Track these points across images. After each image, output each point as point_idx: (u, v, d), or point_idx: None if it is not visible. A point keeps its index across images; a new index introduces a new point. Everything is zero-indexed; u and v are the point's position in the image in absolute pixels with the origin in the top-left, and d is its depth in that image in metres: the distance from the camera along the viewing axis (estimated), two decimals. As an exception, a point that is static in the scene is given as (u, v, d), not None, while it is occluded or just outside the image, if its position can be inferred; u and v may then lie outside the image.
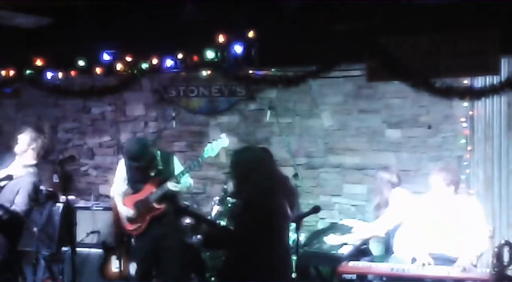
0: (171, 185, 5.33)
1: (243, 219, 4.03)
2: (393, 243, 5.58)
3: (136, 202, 5.48)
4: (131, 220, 5.50)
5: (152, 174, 5.46)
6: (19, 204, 5.05)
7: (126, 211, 5.51)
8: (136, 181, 5.51)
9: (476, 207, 5.23)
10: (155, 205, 5.41)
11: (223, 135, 5.53)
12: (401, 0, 5.03)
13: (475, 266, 4.97)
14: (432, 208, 5.22)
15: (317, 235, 5.78)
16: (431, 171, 5.33)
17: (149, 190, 5.43)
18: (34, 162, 5.26)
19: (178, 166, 5.58)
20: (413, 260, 5.12)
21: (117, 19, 5.83)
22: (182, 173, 5.41)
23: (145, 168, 5.40)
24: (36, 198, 5.44)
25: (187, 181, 5.54)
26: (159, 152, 5.57)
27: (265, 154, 4.39)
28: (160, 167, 5.47)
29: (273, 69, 5.90)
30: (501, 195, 5.94)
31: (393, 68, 4.99)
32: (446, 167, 5.42)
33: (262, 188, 4.01)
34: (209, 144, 5.50)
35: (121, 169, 5.63)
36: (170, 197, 5.43)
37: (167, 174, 5.46)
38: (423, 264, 4.91)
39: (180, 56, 5.69)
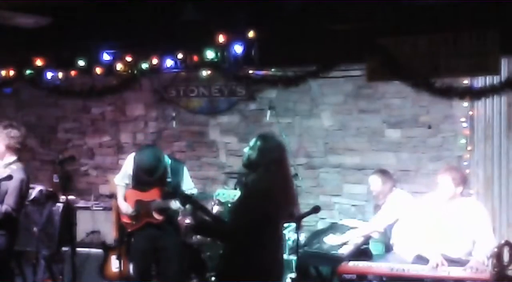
0: (174, 205, 5.32)
1: (240, 209, 4.05)
2: (392, 241, 5.58)
3: (138, 200, 5.45)
4: (129, 215, 5.51)
5: (160, 181, 5.41)
6: (11, 203, 5.02)
7: (126, 207, 5.50)
8: (141, 182, 5.46)
9: (479, 207, 5.21)
10: (155, 215, 5.40)
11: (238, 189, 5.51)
12: (402, 0, 5.03)
13: (486, 266, 4.92)
14: (434, 208, 5.20)
15: (317, 235, 5.77)
16: (439, 170, 5.28)
17: (153, 196, 5.39)
18: (15, 158, 5.21)
19: (187, 177, 5.56)
20: (414, 259, 5.11)
21: (117, 19, 5.83)
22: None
23: (155, 181, 5.36)
24: (26, 194, 5.42)
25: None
26: (169, 160, 5.49)
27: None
28: (169, 179, 5.42)
29: (273, 69, 5.90)
30: (501, 195, 5.94)
31: (393, 68, 5.00)
32: (454, 166, 5.38)
33: (268, 184, 4.00)
34: (224, 189, 5.63)
35: (128, 164, 5.56)
36: (170, 213, 5.42)
37: (174, 187, 5.42)
38: (437, 265, 4.88)
39: (180, 56, 5.70)
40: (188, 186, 5.52)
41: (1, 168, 5.18)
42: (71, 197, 6.15)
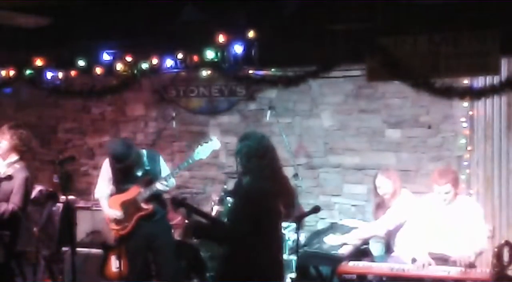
0: (160, 186, 5.34)
1: (237, 212, 4.05)
2: (394, 243, 5.57)
3: (122, 202, 5.47)
4: (118, 221, 5.51)
5: (139, 174, 5.46)
6: (16, 201, 5.05)
7: (113, 213, 5.51)
8: (121, 181, 5.50)
9: (475, 206, 5.23)
10: (143, 205, 5.41)
11: (214, 137, 5.47)
12: (402, 0, 5.03)
13: (474, 264, 4.94)
14: (432, 209, 5.21)
15: (317, 235, 5.78)
16: (431, 173, 5.30)
17: (136, 190, 5.42)
18: (17, 157, 5.25)
19: (164, 166, 5.60)
20: (413, 260, 5.12)
21: (117, 19, 5.84)
22: (172, 174, 5.42)
23: (131, 167, 5.39)
24: (31, 192, 5.45)
25: (172, 180, 5.54)
26: (145, 151, 5.57)
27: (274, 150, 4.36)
28: (147, 167, 5.47)
29: (273, 69, 5.90)
30: (501, 195, 5.94)
31: (393, 68, 5.00)
32: (445, 168, 5.41)
33: (261, 183, 4.01)
34: (199, 146, 5.42)
35: (105, 169, 5.60)
36: (158, 197, 5.43)
37: (153, 174, 5.46)
38: (423, 265, 4.90)
39: (180, 56, 5.69)
40: (165, 168, 5.54)
41: (4, 167, 5.20)
42: (71, 197, 6.15)
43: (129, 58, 5.86)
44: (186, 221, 6.23)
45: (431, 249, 5.05)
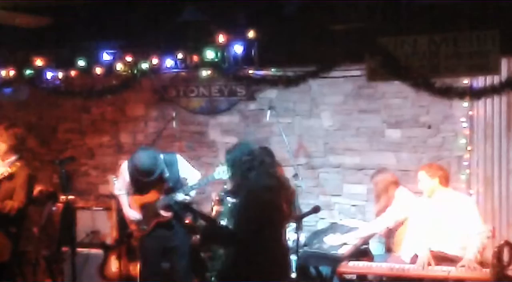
0: (180, 196, 5.35)
1: (241, 217, 4.06)
2: (394, 241, 5.58)
3: (142, 204, 5.48)
4: (137, 222, 5.53)
5: (159, 180, 5.44)
6: (21, 198, 5.09)
7: (133, 214, 5.54)
8: (140, 185, 5.49)
9: (470, 204, 5.24)
10: (162, 212, 5.41)
11: None
12: (402, 0, 5.04)
13: (480, 263, 4.94)
14: (429, 207, 5.22)
15: (317, 235, 5.78)
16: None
17: (155, 196, 5.43)
18: (16, 156, 5.28)
19: (182, 165, 5.58)
20: (414, 257, 5.12)
21: (117, 19, 5.84)
22: (192, 188, 5.43)
23: (155, 182, 5.39)
24: (33, 188, 5.48)
25: (193, 192, 5.56)
26: (162, 156, 5.52)
27: (263, 152, 4.38)
28: (167, 174, 5.46)
29: (273, 69, 5.90)
30: (501, 195, 5.94)
31: (393, 68, 5.00)
32: (430, 163, 5.53)
33: (260, 186, 4.01)
34: (221, 166, 5.42)
35: (124, 171, 5.59)
36: (176, 208, 5.44)
37: (172, 180, 5.46)
38: (423, 264, 4.90)
39: (180, 56, 5.70)
40: (186, 172, 5.54)
41: (4, 167, 5.23)
42: (71, 197, 6.16)
43: (129, 58, 5.86)
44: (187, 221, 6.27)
45: (431, 246, 5.05)
